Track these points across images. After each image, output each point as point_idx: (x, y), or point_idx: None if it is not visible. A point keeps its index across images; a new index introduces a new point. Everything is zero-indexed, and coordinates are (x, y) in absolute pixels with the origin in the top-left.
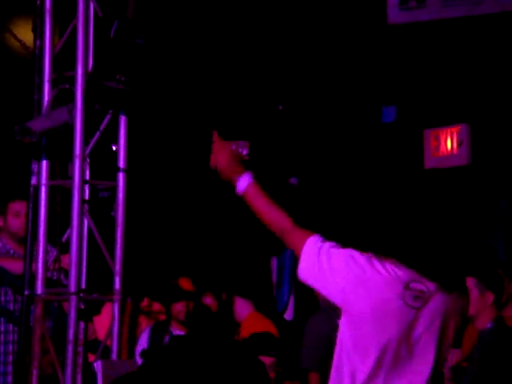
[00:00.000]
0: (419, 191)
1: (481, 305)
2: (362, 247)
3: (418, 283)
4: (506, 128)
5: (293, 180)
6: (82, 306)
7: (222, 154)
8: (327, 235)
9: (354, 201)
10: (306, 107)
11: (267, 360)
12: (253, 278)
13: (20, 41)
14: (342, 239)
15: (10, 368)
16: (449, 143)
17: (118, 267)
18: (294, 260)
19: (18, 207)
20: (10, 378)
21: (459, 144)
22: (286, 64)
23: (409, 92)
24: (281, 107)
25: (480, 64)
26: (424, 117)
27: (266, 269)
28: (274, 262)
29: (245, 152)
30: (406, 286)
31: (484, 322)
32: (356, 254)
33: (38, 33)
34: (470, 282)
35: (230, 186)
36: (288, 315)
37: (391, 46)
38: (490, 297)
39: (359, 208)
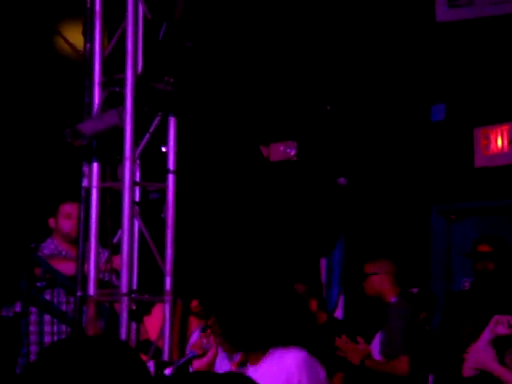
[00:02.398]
0: None
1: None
2: None
3: None
4: None
5: (341, 180)
6: (134, 307)
7: None
8: (375, 234)
9: (402, 200)
10: (354, 107)
11: None
12: (302, 278)
13: (70, 44)
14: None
15: None
16: (499, 141)
17: (168, 268)
18: (343, 260)
19: (69, 209)
20: None
21: (510, 142)
22: (334, 64)
23: (458, 90)
24: (329, 107)
25: None
26: (474, 115)
27: (316, 269)
28: (323, 263)
29: (293, 152)
30: None
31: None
32: None
33: (88, 36)
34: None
35: (281, 185)
36: (338, 315)
37: (440, 44)
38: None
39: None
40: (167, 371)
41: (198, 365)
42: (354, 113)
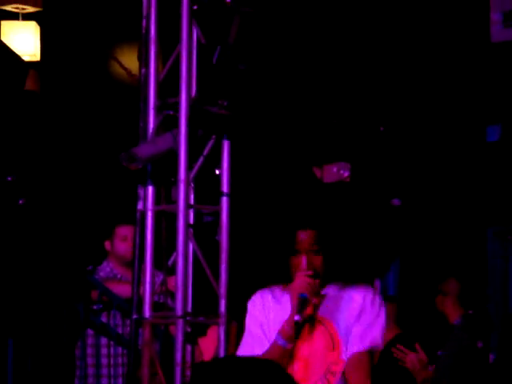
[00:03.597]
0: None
1: None
2: None
3: None
4: None
5: (395, 201)
6: (189, 329)
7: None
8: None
9: (457, 222)
10: (408, 128)
11: None
12: None
13: (126, 69)
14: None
15: None
16: None
17: (222, 290)
18: (398, 282)
19: (125, 231)
20: None
21: None
22: (388, 84)
23: None
24: (382, 128)
25: None
26: None
27: None
28: (377, 284)
29: (346, 174)
30: None
31: None
32: None
33: (143, 61)
34: None
35: (335, 207)
36: None
37: (495, 64)
38: None
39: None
40: (296, 317)
41: (309, 311)
42: (407, 134)
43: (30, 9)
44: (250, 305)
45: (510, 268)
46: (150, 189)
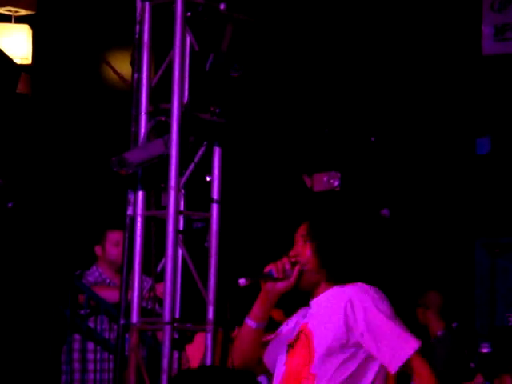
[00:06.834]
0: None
1: None
2: None
3: None
4: None
5: (385, 211)
6: (176, 336)
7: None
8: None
9: (446, 233)
10: (399, 139)
11: None
12: None
13: (118, 74)
14: None
15: None
16: None
17: (211, 297)
18: None
19: (117, 237)
20: None
21: None
22: (379, 96)
23: (503, 123)
24: (373, 139)
25: None
26: None
27: None
28: None
29: (336, 183)
30: None
31: None
32: None
33: (136, 66)
34: None
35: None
36: None
37: (485, 77)
38: None
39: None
40: (241, 281)
41: (269, 287)
42: (398, 145)
43: (22, 12)
44: None
45: (497, 280)
46: (140, 194)
